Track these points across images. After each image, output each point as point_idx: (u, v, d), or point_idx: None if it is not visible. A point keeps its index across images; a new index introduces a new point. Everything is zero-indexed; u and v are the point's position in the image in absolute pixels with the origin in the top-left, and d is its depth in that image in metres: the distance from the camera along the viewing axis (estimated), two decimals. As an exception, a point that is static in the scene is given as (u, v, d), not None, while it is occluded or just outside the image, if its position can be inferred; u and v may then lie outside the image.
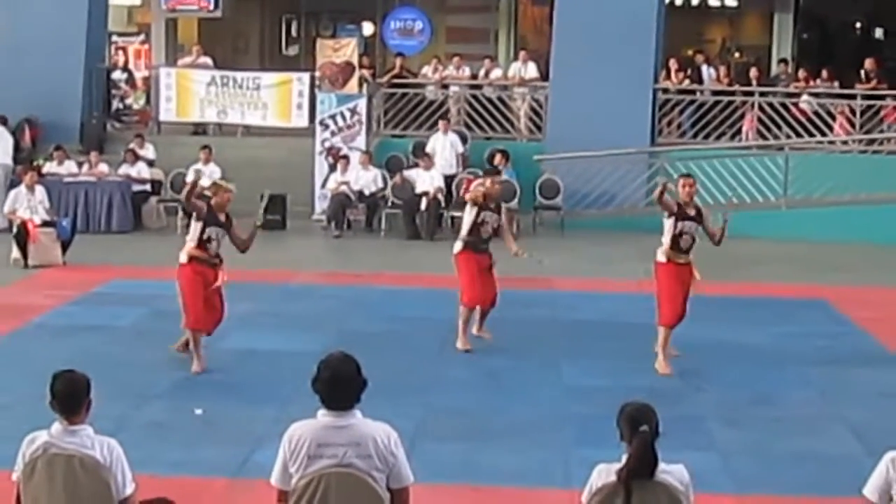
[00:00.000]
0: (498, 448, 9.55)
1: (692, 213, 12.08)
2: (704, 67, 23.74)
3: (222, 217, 11.87)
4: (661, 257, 12.13)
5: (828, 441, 9.92)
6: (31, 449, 5.93)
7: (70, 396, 5.94)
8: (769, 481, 8.91)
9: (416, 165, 21.51)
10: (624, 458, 5.62)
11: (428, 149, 21.75)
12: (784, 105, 22.25)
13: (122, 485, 5.94)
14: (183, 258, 11.81)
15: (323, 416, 5.82)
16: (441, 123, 22.02)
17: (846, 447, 9.68)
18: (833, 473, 8.90)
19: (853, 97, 22.19)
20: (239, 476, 8.80)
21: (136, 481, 6.03)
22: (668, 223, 12.04)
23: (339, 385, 5.79)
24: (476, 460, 9.28)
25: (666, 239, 12.09)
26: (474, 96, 23.67)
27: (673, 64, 23.23)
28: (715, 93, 22.93)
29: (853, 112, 22.03)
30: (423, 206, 20.53)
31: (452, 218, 20.82)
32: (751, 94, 22.69)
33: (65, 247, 17.66)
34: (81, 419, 5.96)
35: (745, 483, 8.84)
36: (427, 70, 24.61)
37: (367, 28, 30.24)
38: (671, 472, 5.66)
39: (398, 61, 24.99)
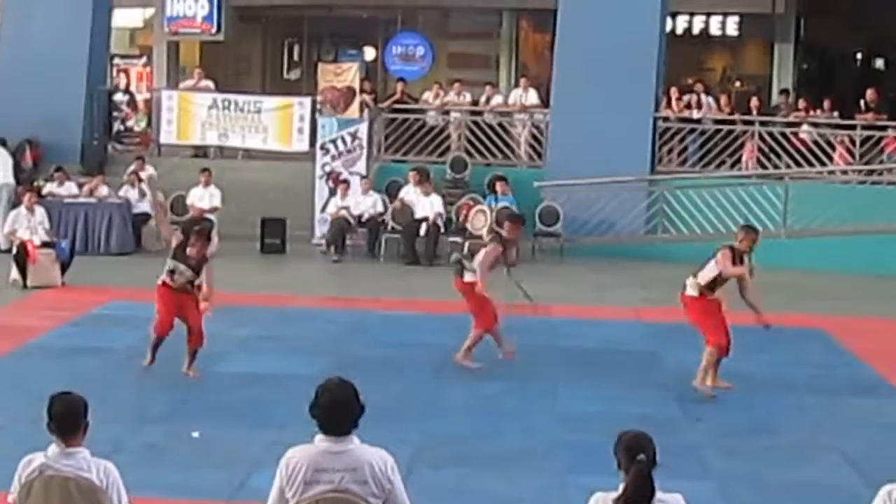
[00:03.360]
0: (494, 475, 9.54)
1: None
2: (703, 96, 23.75)
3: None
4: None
5: (824, 471, 9.91)
6: (27, 471, 5.92)
7: (67, 418, 5.93)
8: (766, 511, 8.91)
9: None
10: (621, 487, 5.61)
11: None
12: (784, 134, 22.29)
13: (118, 507, 5.94)
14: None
15: (320, 441, 5.82)
16: (411, 175, 21.64)
17: (843, 478, 9.67)
18: (830, 504, 8.90)
19: (853, 127, 22.22)
20: (235, 500, 8.78)
21: (131, 504, 6.03)
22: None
23: (337, 410, 5.79)
24: (473, 487, 9.26)
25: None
26: (475, 122, 23.72)
27: (674, 92, 23.29)
28: (715, 121, 22.98)
29: (853, 142, 22.06)
30: (422, 231, 20.54)
31: (452, 244, 20.85)
32: (751, 123, 22.74)
33: (64, 268, 17.66)
34: (78, 441, 5.95)
35: (741, 513, 8.83)
36: (428, 96, 24.66)
37: (369, 53, 30.31)
38: (668, 501, 5.64)
39: (399, 86, 25.07)
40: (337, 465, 5.75)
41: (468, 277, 12.82)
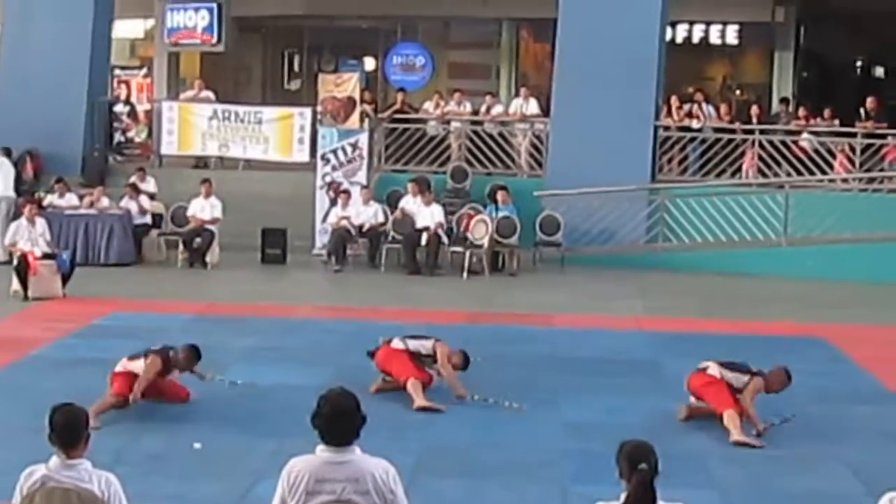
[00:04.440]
0: (496, 484, 9.53)
1: None
2: (704, 105, 23.76)
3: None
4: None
5: (827, 479, 9.90)
6: (28, 482, 5.91)
7: (69, 430, 5.93)
8: (768, 520, 8.89)
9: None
10: (623, 497, 5.61)
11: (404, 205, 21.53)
12: (784, 143, 22.31)
13: (120, 519, 5.93)
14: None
15: (322, 451, 5.82)
16: (410, 186, 21.59)
17: (845, 486, 9.66)
18: (832, 512, 8.88)
19: (853, 135, 22.25)
20: (237, 511, 8.77)
21: (133, 515, 6.03)
22: None
23: (339, 420, 5.78)
24: (475, 496, 9.25)
25: None
26: (475, 132, 23.73)
27: (674, 101, 23.30)
28: (716, 130, 22.99)
29: (853, 150, 22.08)
30: (423, 241, 20.53)
31: (453, 253, 20.86)
32: (751, 131, 22.74)
33: (65, 279, 17.64)
34: (80, 453, 5.94)
35: (744, 521, 8.81)
36: (428, 105, 24.68)
37: (369, 63, 30.36)
38: (670, 510, 5.65)
39: (400, 96, 25.10)
40: (339, 475, 5.74)
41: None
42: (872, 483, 9.28)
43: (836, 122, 22.94)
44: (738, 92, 29.71)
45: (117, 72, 27.33)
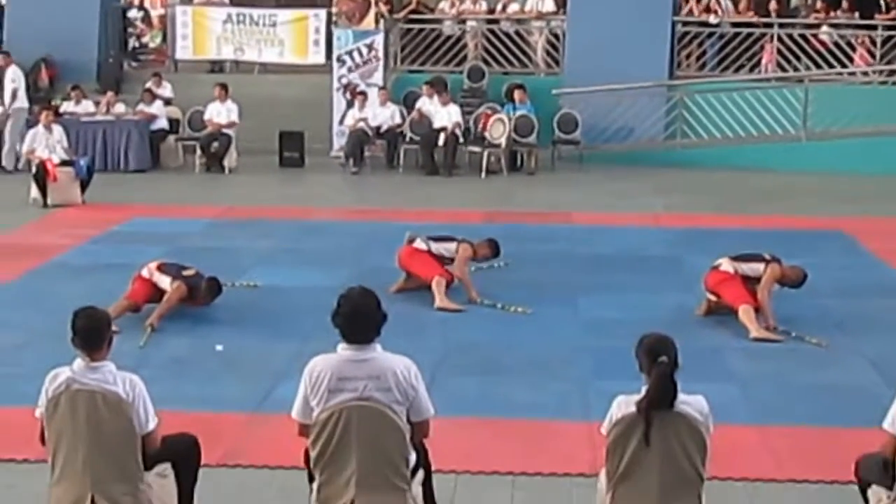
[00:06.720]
0: (517, 381, 9.57)
1: None
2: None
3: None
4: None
5: (847, 372, 9.91)
6: (53, 385, 5.96)
7: (92, 332, 5.97)
8: (788, 412, 8.91)
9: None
10: (643, 390, 5.64)
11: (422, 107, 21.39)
12: (804, 36, 22.10)
13: (145, 420, 5.99)
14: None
15: (343, 349, 5.85)
16: (425, 88, 21.52)
17: (865, 378, 9.67)
18: (852, 404, 8.90)
19: (874, 28, 22.04)
20: (260, 411, 8.83)
21: (158, 417, 6.08)
22: None
23: (359, 319, 5.81)
24: (495, 393, 9.30)
25: None
26: (491, 31, 23.54)
27: (692, -5, 23.09)
28: (734, 24, 22.78)
29: (874, 43, 21.88)
30: (441, 141, 20.47)
31: (470, 153, 20.81)
32: (770, 25, 22.52)
33: (83, 186, 17.66)
34: (103, 355, 5.99)
35: (764, 414, 8.84)
36: (444, 5, 24.46)
37: (384, -37, 30.04)
38: (690, 402, 5.68)
39: (415, -4, 24.90)
40: (360, 373, 5.78)
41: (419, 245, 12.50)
42: (892, 375, 9.35)
43: (856, 14, 22.70)
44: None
45: (130, -24, 27.14)
